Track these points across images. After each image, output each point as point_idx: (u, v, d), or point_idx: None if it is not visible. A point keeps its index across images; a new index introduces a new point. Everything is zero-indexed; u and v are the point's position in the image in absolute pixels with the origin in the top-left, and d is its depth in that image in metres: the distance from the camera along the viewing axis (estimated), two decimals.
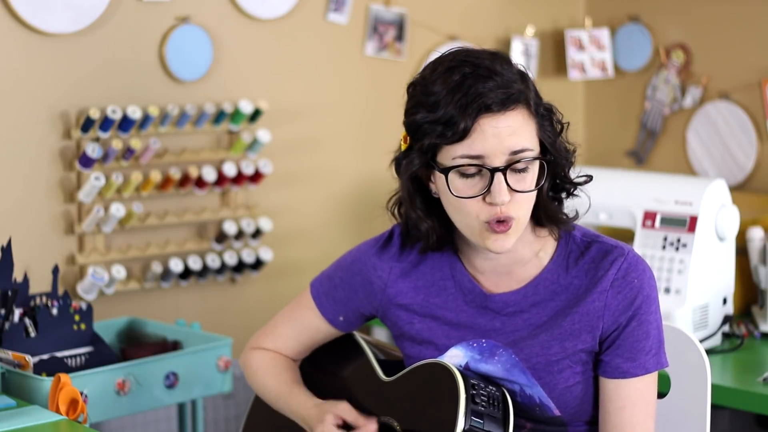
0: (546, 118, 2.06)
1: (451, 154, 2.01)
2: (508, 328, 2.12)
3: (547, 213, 2.10)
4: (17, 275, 2.80)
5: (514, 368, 2.10)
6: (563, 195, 2.13)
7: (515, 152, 2.00)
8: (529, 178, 2.03)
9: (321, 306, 2.28)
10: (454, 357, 2.14)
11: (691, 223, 3.02)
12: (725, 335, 3.11)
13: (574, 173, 2.13)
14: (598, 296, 2.08)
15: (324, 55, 3.61)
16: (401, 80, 3.77)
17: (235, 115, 3.38)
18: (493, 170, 1.99)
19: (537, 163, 2.03)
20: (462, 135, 1.98)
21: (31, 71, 3.14)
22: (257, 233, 3.47)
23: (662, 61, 3.84)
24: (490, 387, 2.08)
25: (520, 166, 2.00)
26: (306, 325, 2.31)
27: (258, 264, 3.49)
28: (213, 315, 3.47)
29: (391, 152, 2.15)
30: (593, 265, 2.10)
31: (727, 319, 3.07)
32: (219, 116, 3.37)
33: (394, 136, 3.75)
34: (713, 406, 2.56)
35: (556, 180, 2.11)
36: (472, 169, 2.00)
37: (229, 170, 3.37)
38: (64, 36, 3.16)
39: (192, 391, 2.90)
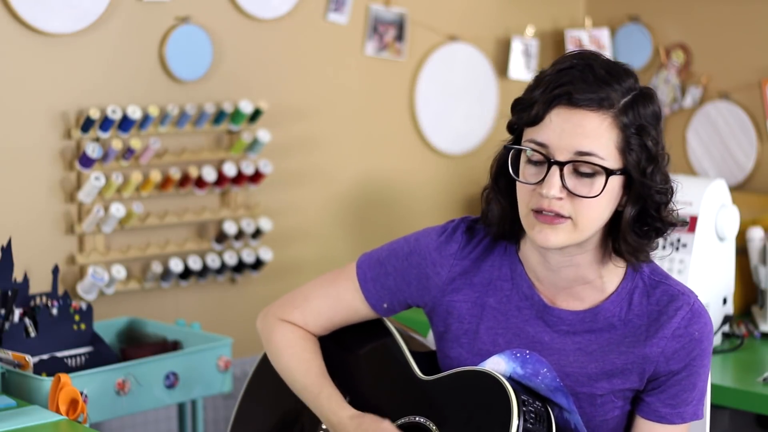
0: (636, 138, 1.96)
1: (526, 137, 1.99)
2: (556, 346, 2.07)
3: (626, 241, 1.99)
4: (17, 275, 2.80)
5: (558, 391, 2.06)
6: (651, 232, 2.02)
7: (581, 153, 1.94)
8: (595, 186, 1.95)
9: (366, 290, 2.19)
10: (496, 365, 2.08)
11: (691, 223, 3.01)
12: (725, 335, 3.11)
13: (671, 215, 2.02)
14: (657, 342, 2.03)
15: (324, 55, 3.61)
16: (401, 80, 3.82)
17: (235, 115, 3.38)
18: (552, 162, 1.94)
19: (613, 177, 1.95)
20: (534, 119, 1.97)
21: (31, 71, 3.14)
22: (257, 233, 3.47)
23: (662, 61, 3.84)
24: (537, 403, 2.03)
25: (583, 168, 1.94)
26: (344, 305, 2.22)
27: (258, 264, 3.48)
28: (213, 315, 3.47)
29: (391, 152, 2.14)
30: (657, 308, 2.04)
31: (727, 319, 3.06)
32: (219, 116, 3.36)
33: (394, 136, 3.77)
34: (713, 406, 2.56)
35: (648, 212, 2.00)
36: (538, 156, 1.96)
37: (229, 170, 3.37)
38: (64, 36, 3.16)
39: (192, 391, 2.90)
